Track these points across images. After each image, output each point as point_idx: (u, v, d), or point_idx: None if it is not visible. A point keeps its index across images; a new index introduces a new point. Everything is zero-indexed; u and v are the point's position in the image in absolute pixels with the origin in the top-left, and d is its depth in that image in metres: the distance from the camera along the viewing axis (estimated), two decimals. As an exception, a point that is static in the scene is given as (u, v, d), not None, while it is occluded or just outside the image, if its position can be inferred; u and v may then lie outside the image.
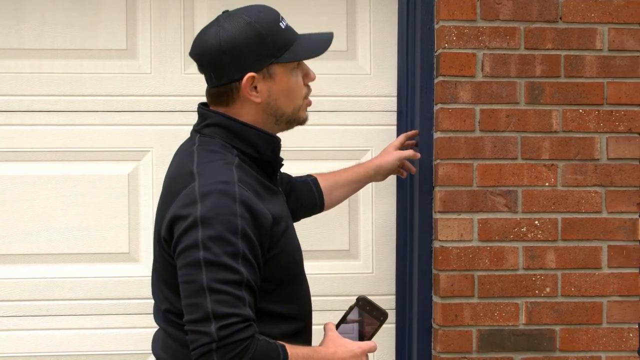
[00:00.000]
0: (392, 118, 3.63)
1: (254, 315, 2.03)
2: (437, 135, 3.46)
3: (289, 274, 2.22)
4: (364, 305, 2.19)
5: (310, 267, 2.61)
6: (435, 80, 3.49)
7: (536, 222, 3.46)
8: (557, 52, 3.47)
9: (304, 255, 2.41)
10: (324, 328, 2.24)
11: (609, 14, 3.48)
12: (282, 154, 3.57)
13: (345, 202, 3.56)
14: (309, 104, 2.29)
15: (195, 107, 3.51)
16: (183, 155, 2.24)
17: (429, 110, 3.51)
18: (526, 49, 3.46)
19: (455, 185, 3.43)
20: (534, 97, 3.46)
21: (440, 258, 3.44)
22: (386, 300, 3.61)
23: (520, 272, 3.46)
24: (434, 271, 3.50)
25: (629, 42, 3.49)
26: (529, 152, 3.46)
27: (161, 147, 3.56)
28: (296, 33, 2.27)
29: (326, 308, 3.36)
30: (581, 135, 3.48)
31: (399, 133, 3.59)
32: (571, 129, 3.47)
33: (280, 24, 2.21)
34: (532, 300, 3.46)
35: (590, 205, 3.48)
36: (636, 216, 3.50)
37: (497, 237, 3.44)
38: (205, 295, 1.97)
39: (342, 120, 3.63)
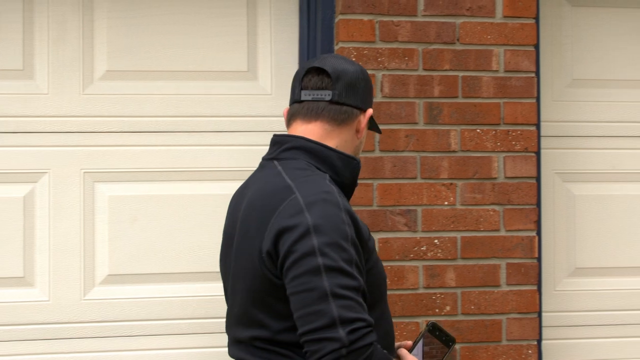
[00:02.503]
0: (294, 138, 3.63)
1: (373, 321, 2.02)
2: (337, 155, 3.48)
3: (380, 291, 2.21)
4: (434, 330, 2.26)
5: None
6: (336, 101, 3.51)
7: (436, 240, 3.50)
8: (455, 73, 3.52)
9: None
10: (398, 354, 2.23)
11: (504, 36, 3.55)
12: (180, 174, 3.58)
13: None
14: None
15: (95, 129, 3.51)
16: (267, 178, 2.20)
17: (330, 130, 3.52)
18: (424, 69, 3.51)
19: (355, 205, 3.45)
20: (433, 117, 3.50)
21: (341, 278, 3.44)
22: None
23: (421, 290, 3.48)
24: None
25: (524, 63, 3.56)
26: (428, 171, 3.49)
27: (59, 168, 3.50)
28: None
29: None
30: (479, 155, 3.53)
31: (300, 153, 3.60)
32: (469, 148, 3.52)
33: None
34: (433, 319, 3.48)
35: (489, 223, 3.53)
36: (534, 234, 3.56)
37: (397, 257, 3.46)
38: (329, 300, 1.94)
39: (244, 141, 3.61)
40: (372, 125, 2.36)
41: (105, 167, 3.53)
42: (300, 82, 2.25)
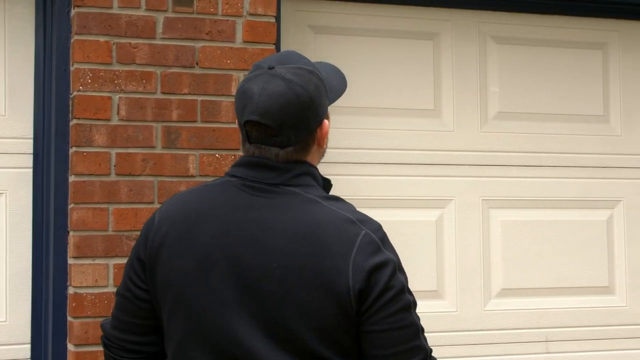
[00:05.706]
0: (29, 161, 3.52)
1: None
2: (72, 179, 3.40)
3: None
4: None
5: None
6: (71, 123, 3.44)
7: (173, 266, 3.45)
8: (194, 97, 3.51)
9: None
10: None
11: (244, 60, 3.56)
12: None
13: None
14: None
15: None
16: (302, 207, 2.02)
17: (64, 153, 3.44)
18: (163, 93, 3.48)
19: (89, 230, 3.37)
20: (171, 141, 3.47)
21: (74, 305, 3.36)
22: (20, 350, 3.49)
23: (158, 316, 3.43)
24: (68, 318, 3.41)
25: (264, 88, 3.57)
26: (166, 195, 3.45)
27: None
28: None
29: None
30: (218, 180, 3.52)
31: (35, 176, 3.51)
32: (208, 173, 3.51)
33: None
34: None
35: (227, 248, 3.51)
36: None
37: (133, 282, 3.40)
38: (420, 336, 2.06)
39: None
40: (337, 96, 2.19)
41: None
42: (243, 127, 2.08)
